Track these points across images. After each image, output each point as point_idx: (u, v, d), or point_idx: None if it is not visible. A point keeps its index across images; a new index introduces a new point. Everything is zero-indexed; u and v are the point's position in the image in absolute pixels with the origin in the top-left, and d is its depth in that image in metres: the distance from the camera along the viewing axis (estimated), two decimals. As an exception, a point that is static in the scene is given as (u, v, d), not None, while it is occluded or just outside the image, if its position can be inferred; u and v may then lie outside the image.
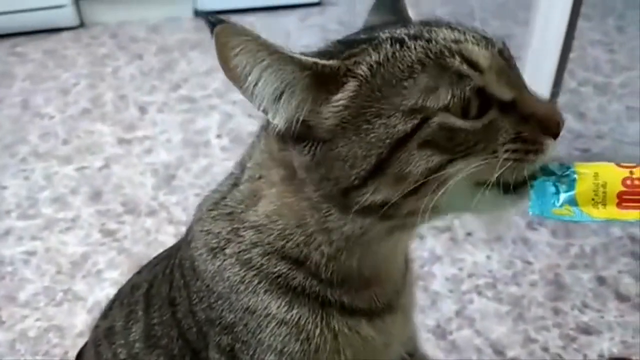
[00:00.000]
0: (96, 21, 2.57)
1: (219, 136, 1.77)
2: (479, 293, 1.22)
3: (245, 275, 0.52)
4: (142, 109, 1.93)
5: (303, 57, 0.44)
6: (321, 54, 0.47)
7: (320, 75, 0.44)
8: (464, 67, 0.43)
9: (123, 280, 0.98)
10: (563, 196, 0.42)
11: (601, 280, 1.25)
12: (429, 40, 0.44)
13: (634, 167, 0.41)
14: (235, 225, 0.54)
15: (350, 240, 0.49)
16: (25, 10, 2.40)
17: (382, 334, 0.56)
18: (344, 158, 0.44)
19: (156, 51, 2.30)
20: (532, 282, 1.25)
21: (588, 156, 1.58)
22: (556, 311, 1.18)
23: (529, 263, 1.29)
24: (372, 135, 0.43)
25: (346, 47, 0.47)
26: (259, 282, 0.52)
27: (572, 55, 1.52)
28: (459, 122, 0.42)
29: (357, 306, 0.54)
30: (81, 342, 0.93)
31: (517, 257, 1.31)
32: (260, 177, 0.52)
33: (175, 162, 1.66)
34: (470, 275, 1.27)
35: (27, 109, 1.96)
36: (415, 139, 0.42)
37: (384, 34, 0.46)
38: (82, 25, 2.54)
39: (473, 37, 0.46)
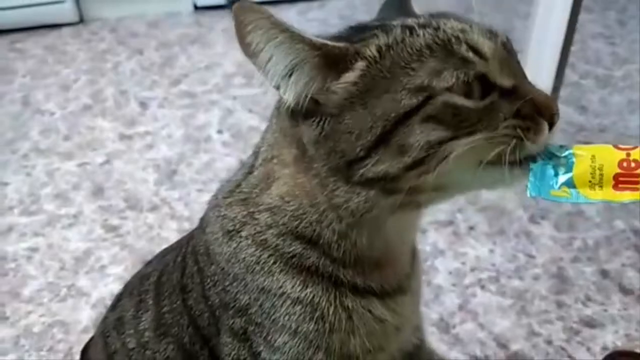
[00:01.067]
0: (96, 17, 2.56)
1: (219, 131, 1.77)
2: (482, 287, 1.23)
3: (260, 255, 0.54)
4: (143, 105, 1.93)
5: (314, 38, 0.47)
6: (334, 37, 0.50)
7: (330, 56, 0.47)
8: (470, 54, 0.46)
9: (126, 275, 0.98)
10: (562, 178, 0.42)
11: (604, 274, 1.25)
12: (437, 29, 0.47)
13: (632, 149, 0.42)
14: (251, 210, 0.55)
15: (357, 215, 0.51)
16: (25, 6, 2.39)
17: (395, 315, 0.57)
18: (350, 130, 0.47)
19: (156, 46, 2.30)
20: (535, 275, 1.25)
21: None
22: (559, 304, 1.18)
23: (532, 256, 1.30)
24: (378, 108, 0.46)
25: (358, 32, 0.50)
26: (274, 262, 0.54)
27: (573, 48, 1.52)
28: (462, 101, 0.45)
29: (369, 286, 0.55)
30: (86, 338, 0.94)
31: (520, 250, 1.31)
32: (273, 158, 0.54)
33: (177, 157, 1.66)
34: (473, 269, 1.27)
35: (28, 105, 1.95)
36: (420, 114, 0.45)
37: (395, 22, 0.49)
38: (82, 20, 2.53)
39: (478, 28, 0.49)
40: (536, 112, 0.46)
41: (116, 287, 1.15)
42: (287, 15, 2.56)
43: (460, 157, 0.45)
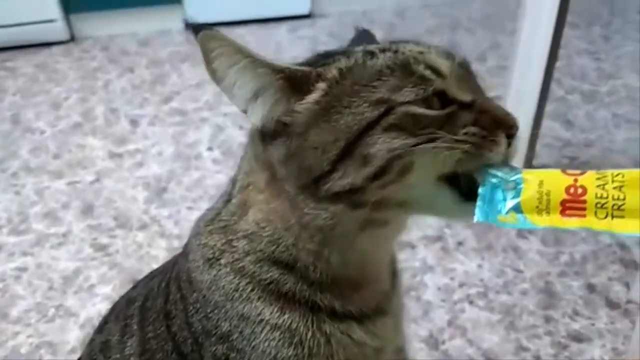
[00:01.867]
0: (87, 35, 2.58)
1: (210, 149, 1.77)
2: (471, 302, 1.23)
3: (239, 283, 0.55)
4: (134, 122, 1.94)
5: (276, 62, 0.49)
6: (300, 63, 0.53)
7: (292, 79, 0.50)
8: (428, 72, 0.48)
9: (115, 295, 0.98)
10: (509, 203, 0.42)
11: (591, 288, 1.26)
12: (396, 52, 0.50)
13: (579, 174, 0.41)
14: (229, 237, 0.57)
15: (326, 232, 0.52)
16: (16, 24, 2.41)
17: (374, 337, 0.57)
18: (316, 146, 0.49)
19: (147, 64, 2.31)
20: (523, 290, 1.26)
21: (577, 164, 1.60)
22: (547, 319, 1.19)
23: (520, 271, 1.30)
24: (341, 122, 0.48)
25: (323, 58, 0.53)
26: (252, 290, 0.55)
27: (559, 63, 1.55)
28: (421, 110, 0.47)
29: (347, 310, 0.56)
30: (74, 358, 0.93)
31: (508, 265, 1.32)
32: (248, 185, 0.56)
33: (167, 175, 1.67)
34: (461, 285, 1.28)
35: (18, 124, 1.95)
36: (382, 124, 0.47)
37: (357, 48, 0.53)
38: (72, 39, 2.55)
39: (436, 50, 0.52)
40: (494, 124, 0.47)
41: (104, 307, 1.15)
42: (278, 32, 2.59)
43: (421, 168, 0.46)
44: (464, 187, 0.48)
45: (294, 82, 0.50)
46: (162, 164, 1.71)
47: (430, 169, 0.47)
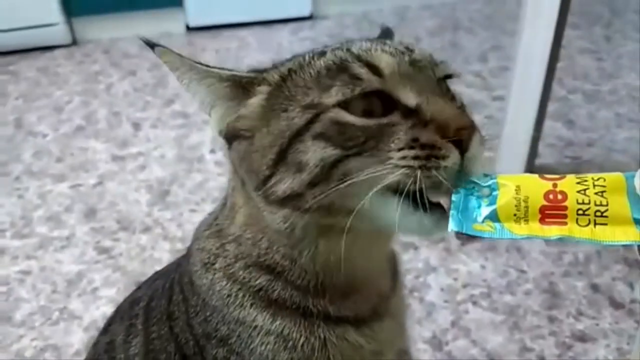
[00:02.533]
0: (89, 38, 2.59)
1: (212, 151, 1.78)
2: (474, 303, 1.23)
3: (231, 289, 0.56)
4: (136, 125, 1.94)
5: (222, 71, 0.51)
6: (259, 69, 0.53)
7: (238, 85, 0.51)
8: (361, 70, 0.46)
9: (119, 298, 0.98)
10: (485, 210, 0.38)
11: (595, 288, 1.26)
12: (343, 50, 0.49)
13: (558, 179, 0.38)
14: (223, 241, 0.58)
15: (286, 236, 0.52)
16: (18, 28, 2.42)
17: (372, 341, 0.57)
18: (257, 149, 0.50)
19: (149, 67, 2.32)
20: (527, 290, 1.26)
21: (579, 163, 1.60)
22: (551, 319, 1.19)
23: (523, 272, 1.30)
24: (276, 127, 0.48)
25: (284, 62, 0.53)
26: (244, 296, 0.55)
27: (561, 64, 1.55)
28: (348, 118, 0.45)
29: (343, 314, 0.56)
30: (78, 362, 0.93)
31: (511, 266, 1.32)
32: (234, 189, 0.57)
33: (170, 177, 1.67)
34: (465, 285, 1.27)
35: (21, 128, 1.96)
36: (310, 131, 0.46)
37: (317, 49, 0.52)
38: (74, 42, 2.56)
39: (388, 47, 0.48)
40: (439, 133, 0.43)
41: (108, 310, 1.15)
42: (279, 34, 2.60)
43: (361, 182, 0.43)
44: (422, 192, 0.43)
45: (241, 88, 0.51)
46: (164, 167, 1.72)
47: (371, 182, 0.43)
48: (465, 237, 1.37)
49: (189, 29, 2.67)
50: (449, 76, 0.51)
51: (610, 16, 2.70)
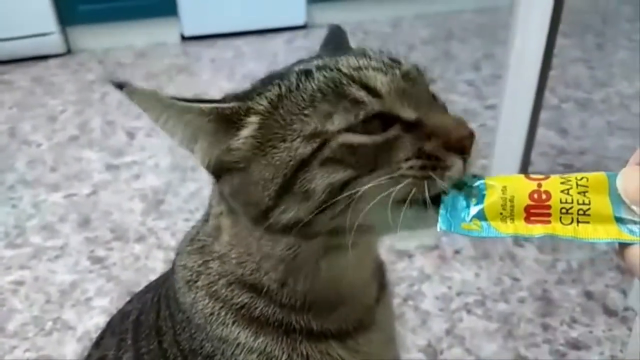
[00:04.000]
0: (83, 48, 2.59)
1: (207, 160, 1.77)
2: (469, 311, 1.23)
3: (214, 307, 0.55)
4: (130, 134, 1.94)
5: (202, 105, 0.48)
6: (237, 95, 0.50)
7: (222, 118, 0.48)
8: (361, 94, 0.45)
9: (112, 308, 0.97)
10: (473, 210, 0.39)
11: (589, 295, 1.26)
12: (332, 70, 0.47)
13: (543, 179, 0.39)
14: (206, 258, 0.57)
15: (287, 262, 0.51)
16: (12, 38, 2.42)
17: (356, 354, 0.56)
18: (256, 182, 0.47)
19: (144, 76, 2.32)
20: (521, 298, 1.26)
21: (572, 171, 1.60)
22: (545, 327, 1.19)
23: (517, 280, 1.31)
24: (277, 158, 0.46)
25: (264, 84, 0.50)
26: (226, 314, 0.55)
27: (553, 72, 1.56)
28: (357, 138, 0.44)
29: (326, 329, 0.55)
30: (71, 373, 0.93)
31: (505, 273, 1.33)
32: (220, 213, 0.56)
33: (164, 187, 1.67)
34: (459, 294, 1.28)
35: (15, 137, 1.96)
36: (318, 159, 0.45)
37: (297, 67, 0.49)
38: (69, 52, 2.56)
39: (376, 63, 0.48)
40: (444, 145, 0.44)
41: (102, 320, 1.15)
42: (274, 43, 2.61)
43: (368, 197, 0.44)
44: (427, 200, 0.43)
45: (225, 120, 0.48)
46: (159, 176, 1.72)
47: (384, 199, 0.44)
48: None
49: (183, 38, 2.68)
50: (431, 81, 0.51)
51: (602, 25, 2.73)
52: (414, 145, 0.44)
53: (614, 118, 1.92)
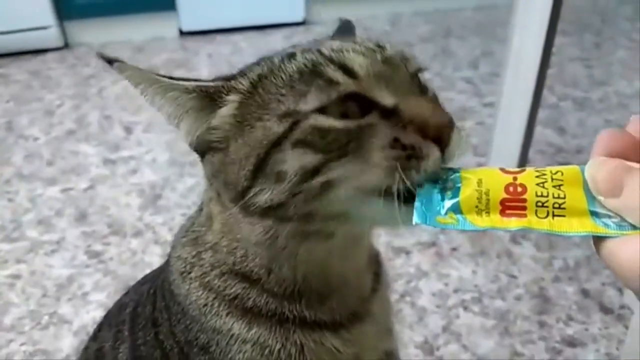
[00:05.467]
0: (81, 42, 2.58)
1: (205, 155, 1.77)
2: (465, 308, 1.24)
3: (207, 298, 0.55)
4: (128, 129, 1.94)
5: (187, 83, 0.49)
6: (225, 77, 0.51)
7: (205, 96, 0.49)
8: (336, 74, 0.44)
9: (109, 302, 0.97)
10: (448, 203, 0.39)
11: (585, 293, 1.26)
12: (313, 52, 0.47)
13: (519, 172, 0.38)
14: (199, 249, 0.57)
15: (266, 246, 0.51)
16: (10, 31, 2.41)
17: (351, 345, 0.56)
18: (233, 161, 0.48)
19: (141, 71, 2.31)
20: (518, 296, 1.26)
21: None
22: (542, 324, 1.19)
23: (514, 277, 1.31)
24: (252, 137, 0.47)
25: (249, 67, 0.51)
26: (219, 305, 0.55)
27: (551, 71, 1.56)
28: (329, 122, 0.44)
29: (319, 319, 0.55)
30: (67, 367, 0.93)
31: (502, 271, 1.33)
32: (210, 199, 0.56)
33: (161, 181, 1.66)
34: (456, 290, 1.28)
35: (12, 131, 1.95)
36: (289, 140, 0.44)
37: (285, 51, 0.50)
38: (66, 46, 2.55)
39: (357, 46, 0.47)
40: (420, 132, 0.42)
41: (98, 314, 1.15)
42: (273, 39, 2.61)
43: (341, 184, 0.43)
44: (400, 193, 0.42)
45: (208, 98, 0.49)
46: (156, 171, 1.71)
47: (354, 185, 0.43)
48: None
49: (182, 33, 2.67)
50: (420, 70, 0.49)
51: (601, 24, 2.73)
52: (390, 133, 0.43)
53: (611, 117, 1.92)
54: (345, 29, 0.62)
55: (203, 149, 0.51)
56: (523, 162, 1.51)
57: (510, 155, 1.47)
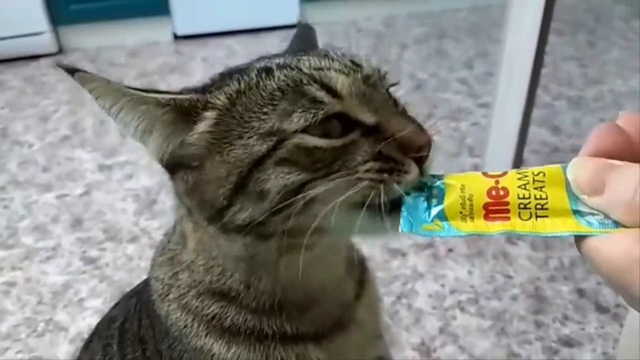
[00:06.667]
0: (75, 47, 2.58)
1: (200, 159, 1.77)
2: (462, 309, 1.24)
3: (186, 319, 0.55)
4: (123, 134, 1.93)
5: (159, 96, 0.46)
6: (196, 88, 0.49)
7: (179, 110, 0.47)
8: (320, 94, 0.44)
9: (105, 308, 0.97)
10: (434, 211, 0.39)
11: (581, 292, 1.27)
12: (293, 69, 0.46)
13: (500, 176, 0.38)
14: (175, 269, 0.57)
15: (245, 262, 0.51)
16: (4, 38, 2.40)
17: (335, 355, 0.56)
18: (211, 180, 0.46)
19: (136, 75, 2.31)
20: (514, 296, 1.26)
21: (564, 169, 1.61)
22: (538, 324, 1.19)
23: (510, 277, 1.31)
24: (232, 155, 0.45)
25: (223, 79, 0.49)
26: (199, 326, 0.55)
27: (545, 70, 1.57)
28: (314, 141, 0.44)
29: (301, 331, 0.55)
30: (63, 374, 0.92)
31: (498, 271, 1.33)
32: (181, 217, 0.55)
33: (157, 186, 1.66)
34: (452, 292, 1.28)
35: (6, 137, 1.94)
36: (272, 158, 0.44)
37: (258, 64, 0.49)
38: (61, 51, 2.55)
39: (338, 64, 0.47)
40: (401, 150, 0.43)
41: (94, 321, 1.13)
42: (268, 42, 2.61)
43: (324, 200, 0.43)
44: (382, 205, 0.43)
45: (182, 113, 0.47)
46: (151, 176, 1.71)
47: (337, 201, 0.43)
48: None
49: (176, 37, 2.67)
50: (392, 85, 0.50)
51: (595, 23, 2.74)
52: (372, 148, 0.44)
53: (606, 116, 1.92)
54: (303, 34, 0.61)
55: (174, 165, 0.49)
56: (518, 161, 1.51)
57: (505, 155, 1.48)
